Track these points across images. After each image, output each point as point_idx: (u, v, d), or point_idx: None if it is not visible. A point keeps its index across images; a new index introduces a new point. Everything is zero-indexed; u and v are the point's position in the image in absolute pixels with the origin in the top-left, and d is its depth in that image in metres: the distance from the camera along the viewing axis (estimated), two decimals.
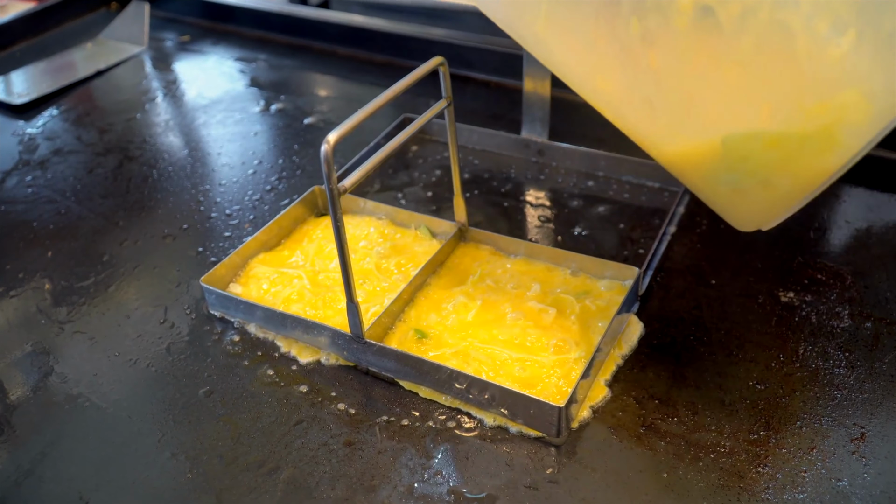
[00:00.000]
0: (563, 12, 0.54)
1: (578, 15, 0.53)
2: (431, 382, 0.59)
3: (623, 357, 0.62)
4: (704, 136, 0.52)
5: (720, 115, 0.50)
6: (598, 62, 0.54)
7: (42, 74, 1.14)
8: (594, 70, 0.55)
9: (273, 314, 0.65)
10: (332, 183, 0.52)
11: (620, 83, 0.54)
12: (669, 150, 0.55)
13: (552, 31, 0.56)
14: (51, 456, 0.58)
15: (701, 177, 0.55)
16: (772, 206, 0.54)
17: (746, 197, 0.54)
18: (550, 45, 0.57)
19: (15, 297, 0.73)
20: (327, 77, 1.13)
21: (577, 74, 0.57)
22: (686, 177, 0.57)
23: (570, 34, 0.55)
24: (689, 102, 0.51)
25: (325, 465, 0.55)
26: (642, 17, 0.49)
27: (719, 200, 0.57)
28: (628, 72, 0.53)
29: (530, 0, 0.55)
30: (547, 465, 0.54)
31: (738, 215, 0.57)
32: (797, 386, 0.59)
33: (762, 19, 0.46)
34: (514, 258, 0.71)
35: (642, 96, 0.53)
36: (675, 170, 0.57)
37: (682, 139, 0.54)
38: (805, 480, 0.52)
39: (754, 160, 0.51)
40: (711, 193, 0.57)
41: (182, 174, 0.90)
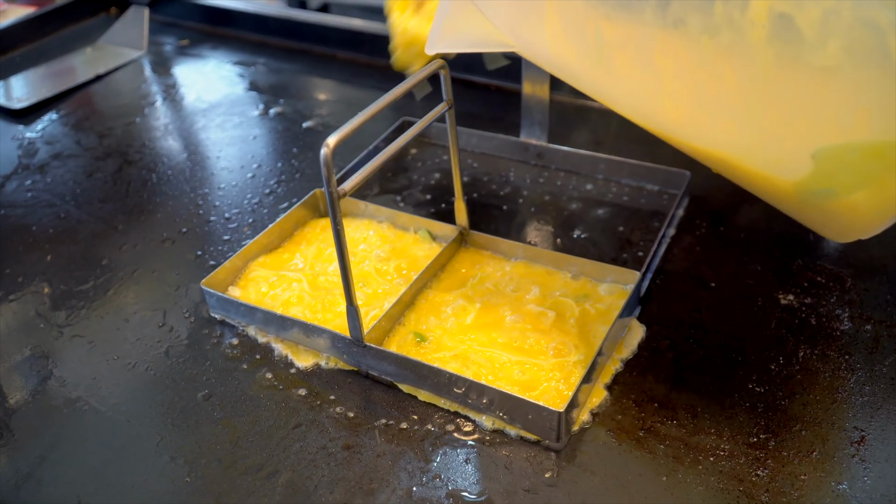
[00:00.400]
0: (620, 47, 0.52)
1: (640, 41, 0.50)
2: (430, 386, 0.59)
3: (622, 360, 0.62)
4: (793, 152, 0.49)
5: (810, 128, 0.47)
6: (667, 89, 0.52)
7: (42, 79, 1.14)
8: (663, 97, 0.52)
9: (273, 317, 0.65)
10: (331, 186, 0.52)
11: (694, 107, 0.52)
12: (752, 168, 0.52)
13: (612, 67, 0.54)
14: (50, 459, 0.58)
15: (789, 193, 0.52)
16: (871, 217, 0.50)
17: (842, 210, 0.51)
18: (611, 81, 0.55)
19: (14, 301, 0.73)
20: (327, 81, 1.13)
21: (643, 105, 0.55)
22: (771, 193, 0.54)
23: (633, 67, 0.52)
24: (774, 118, 0.48)
25: (323, 469, 0.55)
26: (713, 35, 0.47)
27: (811, 215, 0.54)
28: (703, 94, 0.50)
29: (584, 32, 0.53)
30: (546, 468, 0.54)
31: (833, 229, 0.55)
32: (797, 389, 0.59)
33: (846, 19, 0.42)
34: (513, 261, 0.71)
35: (720, 117, 0.51)
36: (756, 188, 0.55)
37: (767, 157, 0.51)
38: (805, 484, 0.52)
39: (851, 173, 0.47)
40: (801, 208, 0.54)
41: (181, 178, 0.90)
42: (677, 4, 0.47)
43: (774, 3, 0.44)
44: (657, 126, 0.56)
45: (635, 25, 0.50)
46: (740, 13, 0.45)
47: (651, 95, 0.54)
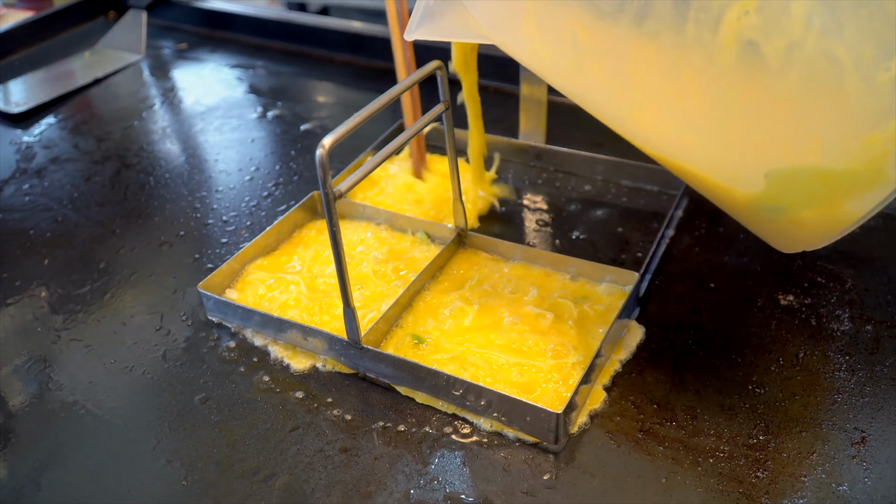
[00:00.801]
0: (595, 54, 0.53)
1: (614, 51, 0.51)
2: (428, 388, 0.59)
3: (621, 362, 0.62)
4: (749, 169, 0.51)
5: (766, 148, 0.49)
6: (637, 99, 0.53)
7: (40, 83, 1.14)
8: (633, 106, 0.54)
9: (270, 319, 0.64)
10: (327, 187, 0.52)
11: (661, 118, 0.53)
12: (710, 179, 0.54)
13: (586, 72, 0.54)
14: (47, 464, 0.57)
15: (742, 206, 0.54)
16: (816, 233, 0.52)
17: (789, 225, 0.53)
18: (585, 85, 0.56)
19: (12, 306, 0.73)
20: (325, 84, 1.13)
21: (614, 111, 0.56)
22: (726, 204, 0.56)
23: (606, 74, 0.53)
24: (734, 136, 0.50)
25: (320, 472, 0.55)
26: (683, 52, 0.48)
27: (760, 227, 0.56)
28: (671, 107, 0.51)
29: (561, 35, 0.53)
30: (544, 470, 0.54)
31: (780, 240, 0.56)
32: (797, 390, 0.58)
33: (808, 52, 0.44)
34: (512, 263, 0.71)
35: (685, 130, 0.52)
36: (714, 198, 0.56)
37: (723, 170, 0.52)
38: (805, 485, 0.51)
39: (800, 193, 0.49)
40: (753, 220, 0.56)
41: (179, 181, 0.89)
42: (653, 21, 0.48)
43: (744, 31, 0.45)
44: (626, 133, 0.57)
45: (611, 35, 0.51)
46: (711, 35, 0.46)
47: (622, 103, 0.55)
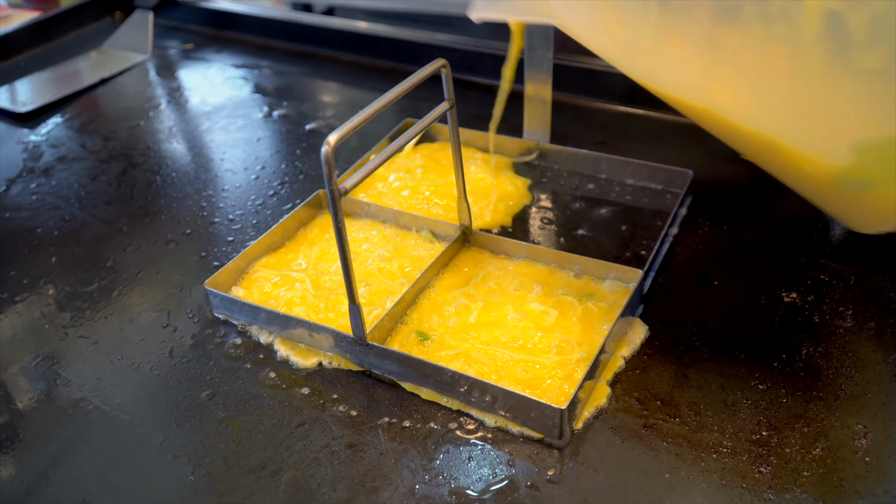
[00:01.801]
0: (674, 31, 0.52)
1: (697, 28, 0.51)
2: (433, 384, 0.59)
3: (625, 358, 0.62)
4: (836, 142, 0.50)
5: (854, 121, 0.48)
6: (718, 73, 0.52)
7: (46, 83, 1.15)
8: (713, 81, 0.53)
9: (276, 316, 0.65)
10: (332, 184, 0.52)
11: (743, 91, 0.52)
12: (795, 151, 0.53)
13: (663, 51, 0.54)
14: (56, 459, 0.58)
15: (826, 181, 0.53)
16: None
17: (878, 201, 0.53)
18: (661, 64, 0.56)
19: (19, 303, 0.73)
20: (330, 83, 1.13)
21: (691, 88, 0.56)
22: (806, 181, 0.55)
23: (685, 51, 0.53)
24: (821, 108, 0.49)
25: (326, 467, 0.55)
26: (768, 24, 0.47)
27: (841, 205, 0.56)
28: (754, 79, 0.51)
29: (638, 15, 0.53)
30: (549, 465, 0.54)
31: (862, 219, 0.56)
32: (800, 386, 0.59)
33: (893, 23, 0.43)
34: (516, 260, 0.71)
35: (769, 102, 0.51)
36: (790, 175, 0.56)
37: (811, 144, 0.52)
38: (808, 481, 0.52)
39: (890, 166, 0.49)
40: (834, 197, 0.55)
41: (185, 180, 0.90)
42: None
43: (827, 2, 0.45)
44: (704, 106, 0.56)
45: (693, 12, 0.50)
46: (795, 5, 0.46)
47: (701, 79, 0.54)
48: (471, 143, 0.89)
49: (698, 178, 0.78)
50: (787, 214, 0.76)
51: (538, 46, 0.81)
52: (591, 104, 0.98)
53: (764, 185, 0.80)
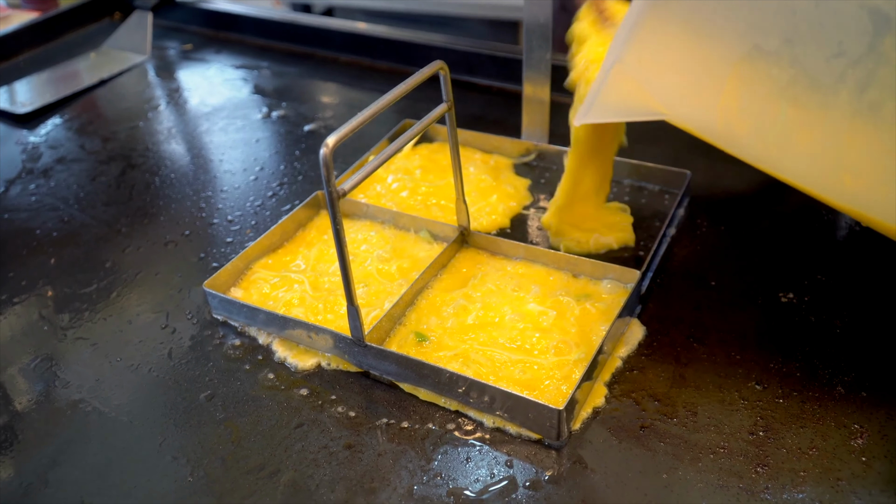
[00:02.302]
0: (805, 127, 0.53)
1: (826, 127, 0.52)
2: (431, 385, 0.60)
3: (623, 359, 0.62)
4: None
5: None
6: (849, 164, 0.53)
7: (46, 84, 1.15)
8: (843, 171, 0.54)
9: (274, 317, 0.65)
10: (331, 186, 0.53)
11: (875, 182, 0.52)
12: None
13: (790, 144, 0.55)
14: (54, 461, 0.58)
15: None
16: None
17: None
18: (787, 155, 0.56)
19: (18, 305, 0.73)
20: (329, 84, 1.13)
21: (819, 176, 0.56)
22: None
23: (815, 145, 0.53)
24: None
25: (325, 468, 0.55)
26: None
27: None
28: (889, 172, 0.51)
29: (767, 107, 0.54)
30: (547, 466, 0.54)
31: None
32: (797, 386, 0.59)
33: None
34: (514, 261, 0.71)
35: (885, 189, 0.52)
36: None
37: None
38: (804, 480, 0.52)
39: None
40: None
41: (184, 181, 0.90)
42: (875, 90, 0.48)
43: None
44: (827, 194, 0.57)
45: (826, 108, 0.50)
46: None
47: (830, 168, 0.54)
48: (470, 144, 0.89)
49: (696, 178, 0.78)
50: (785, 215, 0.76)
51: (536, 48, 0.81)
52: None
53: (762, 187, 0.81)
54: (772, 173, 0.59)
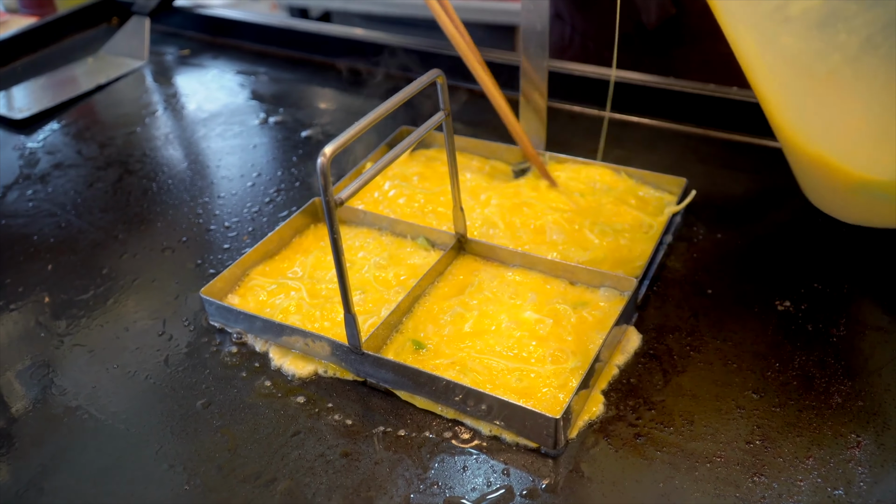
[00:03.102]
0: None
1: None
2: (428, 393, 0.60)
3: (620, 367, 0.62)
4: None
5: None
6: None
7: (43, 89, 1.15)
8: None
9: (271, 325, 0.65)
10: (328, 195, 0.53)
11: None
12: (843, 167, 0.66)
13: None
14: (50, 468, 0.58)
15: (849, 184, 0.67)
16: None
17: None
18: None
19: (15, 311, 0.73)
20: (327, 90, 1.13)
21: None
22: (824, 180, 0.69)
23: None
24: None
25: (321, 476, 0.55)
26: None
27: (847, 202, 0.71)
28: None
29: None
30: (543, 475, 0.54)
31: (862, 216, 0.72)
32: (793, 395, 0.59)
33: None
34: (511, 269, 0.71)
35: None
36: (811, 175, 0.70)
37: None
38: (801, 489, 0.52)
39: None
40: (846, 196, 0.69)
41: (181, 187, 0.90)
42: None
43: None
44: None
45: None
46: None
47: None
48: (467, 150, 0.89)
49: (693, 186, 0.78)
50: (782, 223, 0.76)
51: (533, 55, 0.81)
52: (585, 111, 0.98)
53: (758, 194, 0.81)
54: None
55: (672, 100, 0.93)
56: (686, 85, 0.93)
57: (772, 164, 0.84)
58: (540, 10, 0.78)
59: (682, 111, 0.93)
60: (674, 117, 0.94)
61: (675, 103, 0.93)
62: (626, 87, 0.95)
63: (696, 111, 0.92)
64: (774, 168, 0.84)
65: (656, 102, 0.94)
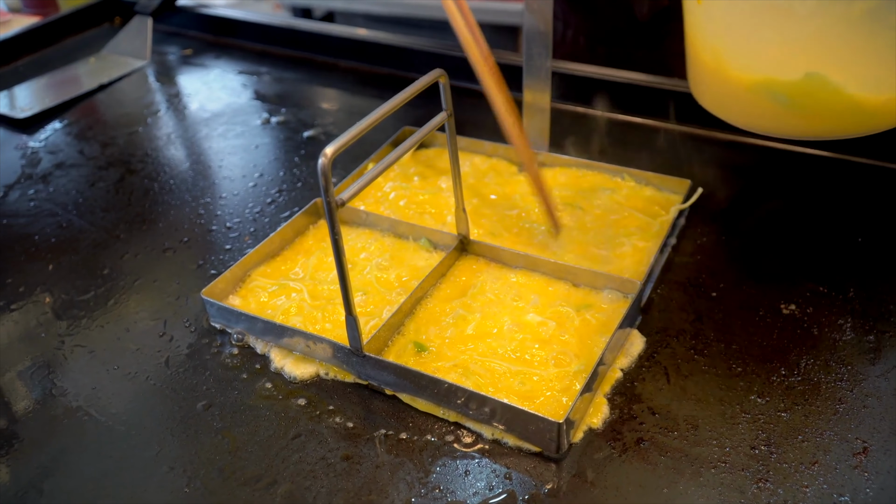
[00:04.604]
0: None
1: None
2: (430, 396, 0.59)
3: (623, 370, 0.62)
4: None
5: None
6: None
7: (45, 89, 1.15)
8: None
9: (273, 326, 0.64)
10: (329, 196, 0.52)
11: None
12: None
13: None
14: (50, 470, 0.58)
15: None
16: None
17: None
18: None
19: (15, 311, 0.73)
20: (329, 90, 1.13)
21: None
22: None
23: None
24: None
25: (322, 480, 0.55)
26: None
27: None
28: None
29: None
30: (546, 479, 0.54)
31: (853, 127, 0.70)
32: (799, 399, 0.58)
33: None
34: (514, 270, 0.71)
35: None
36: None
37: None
38: (807, 496, 0.51)
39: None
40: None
41: (183, 187, 0.90)
42: None
43: None
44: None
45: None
46: None
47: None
48: (469, 150, 0.89)
49: (696, 187, 0.78)
50: (786, 225, 0.76)
51: (536, 55, 0.81)
52: (589, 112, 0.98)
53: (763, 196, 0.80)
54: None
55: (673, 100, 0.93)
56: (687, 85, 0.93)
57: (776, 166, 0.84)
58: (543, 11, 0.78)
59: (686, 112, 0.92)
60: (678, 118, 0.93)
61: (676, 104, 0.93)
62: (626, 88, 0.95)
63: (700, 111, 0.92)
64: (779, 169, 0.83)
65: (656, 103, 0.94)
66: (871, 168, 0.82)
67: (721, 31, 0.67)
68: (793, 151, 0.86)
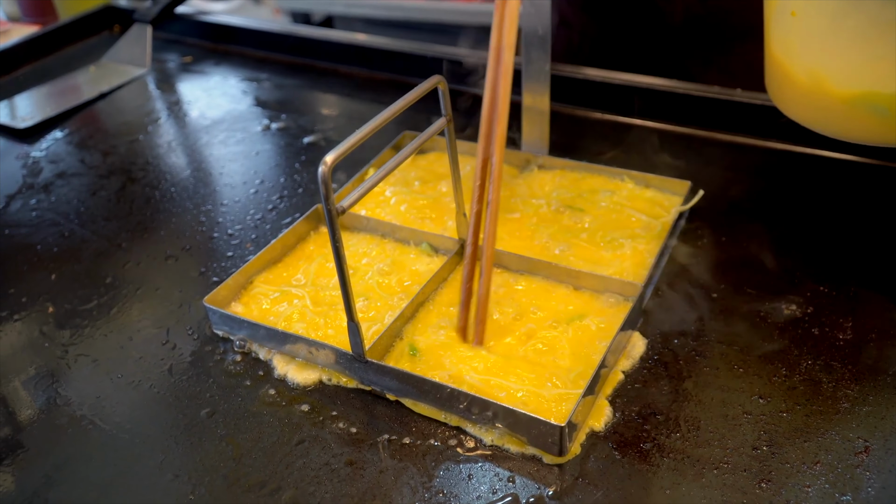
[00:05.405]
0: None
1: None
2: (433, 401, 0.59)
3: (625, 373, 0.62)
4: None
5: None
6: None
7: (46, 98, 1.15)
8: None
9: (275, 333, 0.65)
10: (329, 203, 0.53)
11: None
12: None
13: None
14: (54, 478, 0.58)
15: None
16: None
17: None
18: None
19: (19, 321, 0.73)
20: (329, 95, 1.13)
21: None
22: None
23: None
24: None
25: (326, 485, 0.55)
26: None
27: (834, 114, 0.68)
28: None
29: None
30: (549, 482, 0.54)
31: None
32: (800, 400, 0.58)
33: None
34: (515, 274, 0.71)
35: None
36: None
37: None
38: (809, 496, 0.52)
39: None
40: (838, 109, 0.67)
41: (184, 195, 0.90)
42: None
43: None
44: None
45: None
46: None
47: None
48: (469, 155, 0.89)
49: (697, 189, 0.78)
50: (787, 226, 0.76)
51: (535, 59, 0.81)
52: (589, 115, 0.98)
53: (763, 197, 0.81)
54: None
55: (674, 102, 0.93)
56: (689, 87, 0.93)
57: (776, 166, 0.84)
58: (541, 14, 0.78)
59: (685, 113, 0.93)
60: (677, 120, 0.93)
61: (677, 105, 0.93)
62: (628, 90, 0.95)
63: (699, 113, 0.92)
64: (779, 170, 0.83)
65: (657, 104, 0.94)
66: (871, 168, 0.82)
67: (817, 45, 0.66)
68: (793, 152, 0.86)
